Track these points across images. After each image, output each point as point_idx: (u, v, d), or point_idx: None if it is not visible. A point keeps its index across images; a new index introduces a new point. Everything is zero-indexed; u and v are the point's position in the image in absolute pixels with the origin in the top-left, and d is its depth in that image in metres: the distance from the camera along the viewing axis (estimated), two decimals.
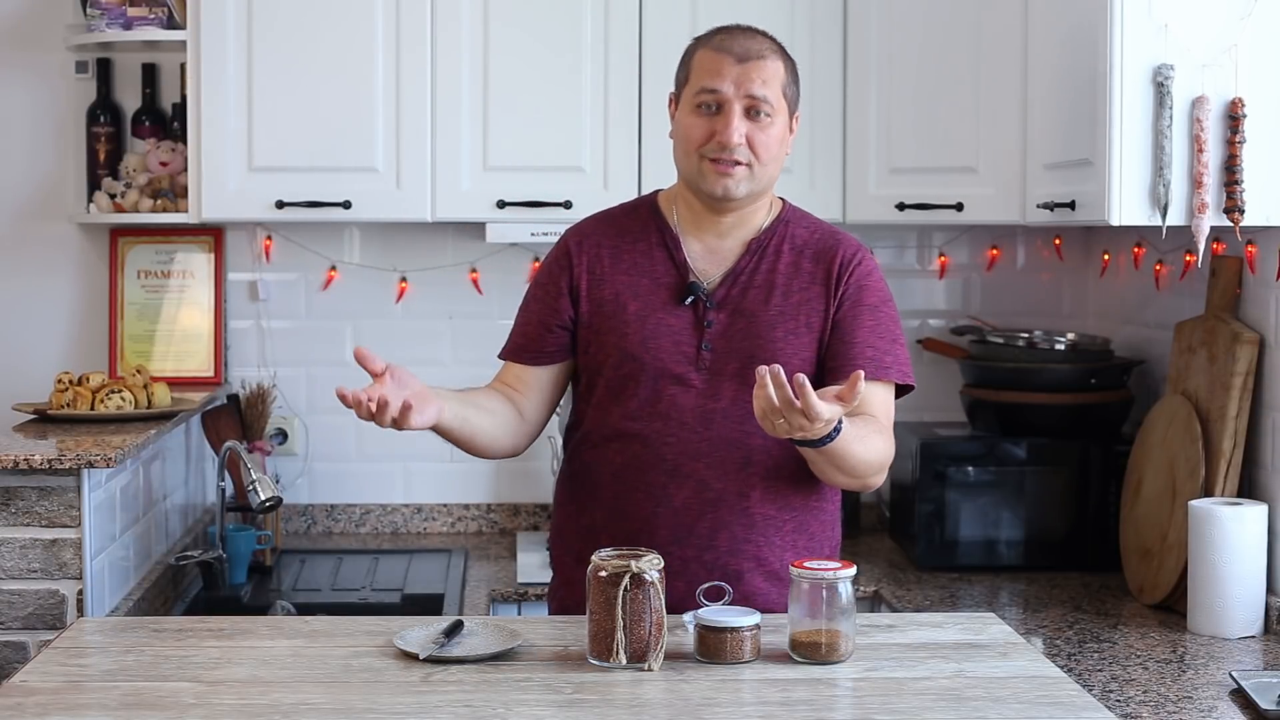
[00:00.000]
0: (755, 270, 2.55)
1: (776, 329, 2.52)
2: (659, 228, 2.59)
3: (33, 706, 2.03)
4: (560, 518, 2.66)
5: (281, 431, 3.99)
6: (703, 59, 2.51)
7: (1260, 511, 2.95)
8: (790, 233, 2.58)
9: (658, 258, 2.56)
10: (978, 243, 4.07)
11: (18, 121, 3.95)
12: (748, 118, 2.47)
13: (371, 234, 4.02)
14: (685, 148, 2.52)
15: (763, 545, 2.51)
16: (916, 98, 3.60)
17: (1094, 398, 3.57)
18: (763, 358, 2.47)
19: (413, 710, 2.02)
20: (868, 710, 2.04)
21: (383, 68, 3.62)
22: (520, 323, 2.65)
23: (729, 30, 2.55)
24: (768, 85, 2.47)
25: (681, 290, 2.54)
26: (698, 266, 2.56)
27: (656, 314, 2.53)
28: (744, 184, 2.49)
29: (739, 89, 2.46)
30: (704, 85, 2.48)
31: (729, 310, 2.53)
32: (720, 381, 2.50)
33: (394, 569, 3.70)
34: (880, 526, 4.01)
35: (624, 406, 2.53)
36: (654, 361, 2.52)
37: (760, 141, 2.47)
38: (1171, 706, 2.54)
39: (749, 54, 2.49)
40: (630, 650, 2.17)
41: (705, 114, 2.48)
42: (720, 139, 2.46)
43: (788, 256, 2.56)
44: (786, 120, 2.52)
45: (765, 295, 2.53)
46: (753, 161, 2.48)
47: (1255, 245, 3.04)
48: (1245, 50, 2.83)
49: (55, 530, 2.86)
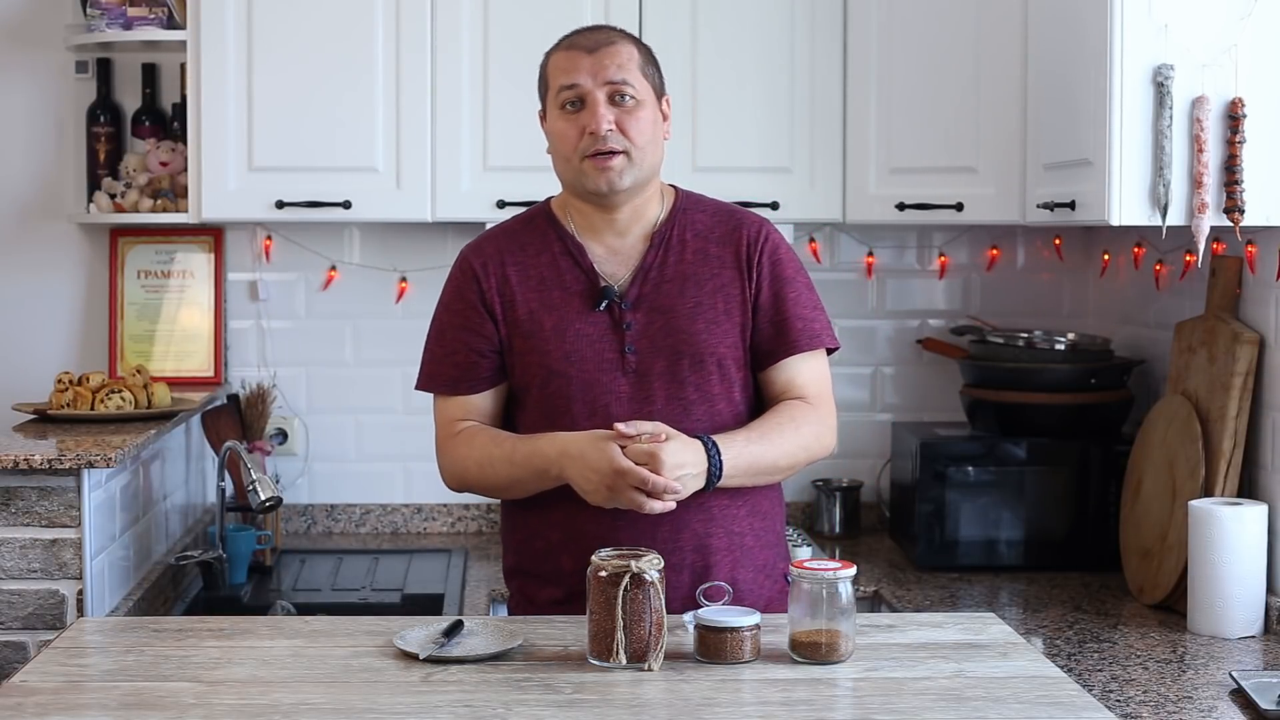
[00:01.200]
0: (663, 264, 2.52)
1: (697, 320, 2.49)
2: (559, 236, 2.55)
3: (33, 706, 2.03)
4: (514, 541, 2.59)
5: (281, 431, 3.99)
6: (556, 61, 2.52)
7: (1260, 511, 2.95)
8: (690, 220, 2.56)
9: (563, 267, 2.53)
10: (978, 243, 4.07)
11: (18, 121, 3.95)
12: (613, 104, 2.47)
13: (371, 234, 4.02)
14: (563, 153, 2.50)
15: (724, 535, 2.50)
16: (916, 98, 3.60)
17: (1094, 398, 3.57)
18: (688, 353, 2.49)
19: (413, 710, 2.02)
20: (868, 710, 2.04)
21: (383, 68, 3.63)
22: (442, 354, 2.56)
23: (576, 31, 2.56)
24: (624, 69, 2.47)
25: (594, 296, 2.50)
26: (604, 269, 2.53)
27: (574, 325, 2.49)
28: (626, 174, 2.47)
29: (596, 78, 2.46)
30: (562, 83, 2.48)
31: (645, 308, 2.50)
32: (649, 382, 2.48)
33: (394, 569, 3.70)
34: (880, 526, 4.01)
35: (559, 424, 2.47)
36: (580, 374, 2.48)
37: (630, 125, 2.46)
38: (1171, 706, 2.54)
39: (598, 43, 2.49)
40: (630, 650, 2.17)
41: (572, 113, 2.48)
42: (590, 129, 2.45)
43: (693, 245, 2.54)
44: (654, 103, 2.51)
45: (679, 288, 2.51)
46: (629, 148, 2.46)
47: (1255, 245, 3.04)
48: (1245, 50, 2.83)
49: (55, 530, 2.86)
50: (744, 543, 2.53)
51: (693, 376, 2.49)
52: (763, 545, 2.55)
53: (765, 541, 2.56)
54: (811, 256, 4.02)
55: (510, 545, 2.62)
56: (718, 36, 3.68)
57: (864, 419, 4.07)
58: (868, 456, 4.06)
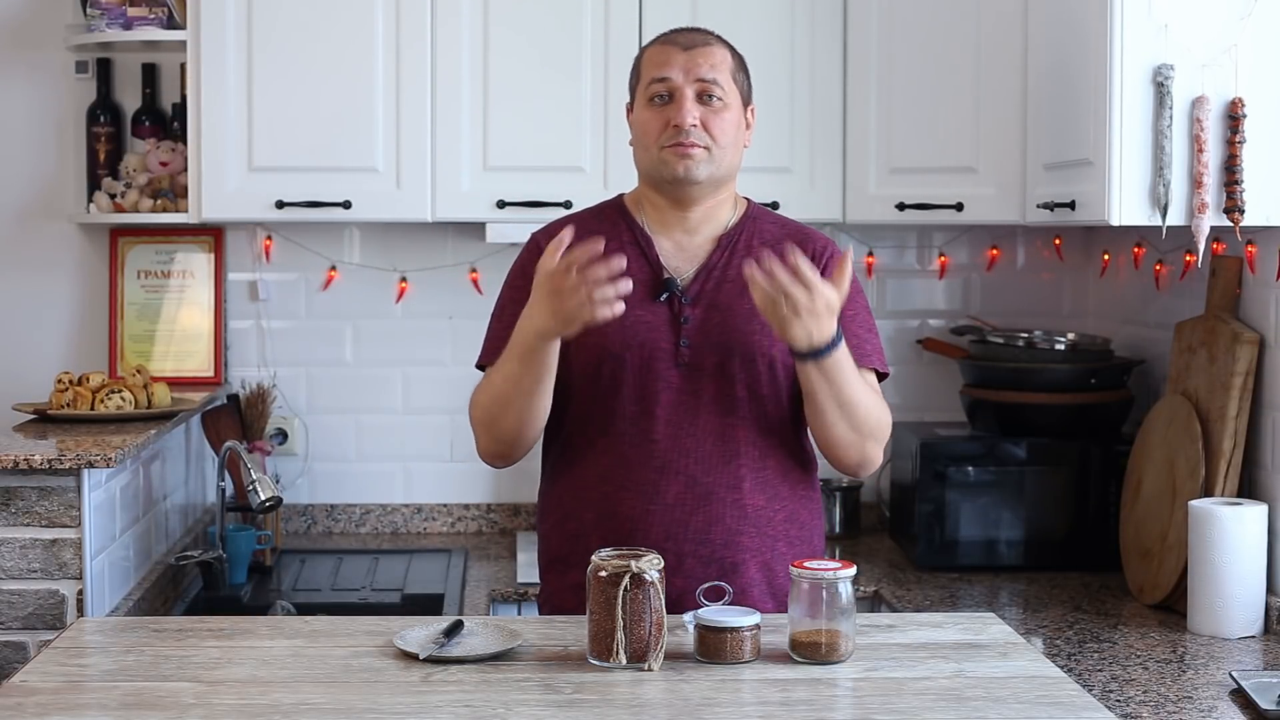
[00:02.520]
0: (728, 265, 2.56)
1: (753, 321, 2.52)
2: (629, 227, 2.60)
3: (33, 706, 2.03)
4: (546, 527, 2.63)
5: (281, 431, 3.99)
6: (650, 55, 2.58)
7: (1260, 511, 2.95)
8: (759, 229, 2.61)
9: (630, 256, 2.54)
10: (978, 243, 4.07)
11: (18, 121, 3.95)
12: (700, 103, 2.51)
13: (371, 234, 4.02)
14: (644, 142, 2.55)
15: (756, 536, 2.52)
16: (916, 98, 3.60)
17: (1094, 398, 3.57)
18: (740, 352, 2.52)
19: (413, 710, 2.02)
20: (868, 710, 2.04)
21: (383, 68, 3.63)
22: (500, 329, 2.55)
23: (675, 29, 2.62)
24: (716, 69, 2.53)
25: (656, 287, 2.54)
26: (670, 264, 2.57)
27: (634, 311, 2.51)
28: (703, 166, 2.51)
29: (688, 74, 2.51)
30: (654, 76, 2.54)
31: (704, 305, 2.54)
32: (700, 376, 2.51)
33: (394, 569, 3.70)
34: (880, 526, 4.01)
35: (607, 406, 2.52)
36: (635, 359, 2.52)
37: (714, 124, 2.51)
38: (1171, 706, 2.54)
39: (694, 42, 2.55)
40: (630, 650, 2.17)
41: (659, 105, 2.53)
42: (675, 122, 2.50)
43: (759, 251, 2.56)
44: (740, 108, 2.56)
45: (740, 289, 2.53)
46: (710, 144, 2.51)
47: (1255, 245, 3.04)
48: (1245, 50, 2.83)
49: (55, 530, 2.86)
50: (777, 548, 2.54)
51: (743, 374, 2.52)
52: (796, 555, 2.54)
53: (800, 553, 2.56)
54: None
55: (544, 532, 2.64)
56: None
57: None
58: None
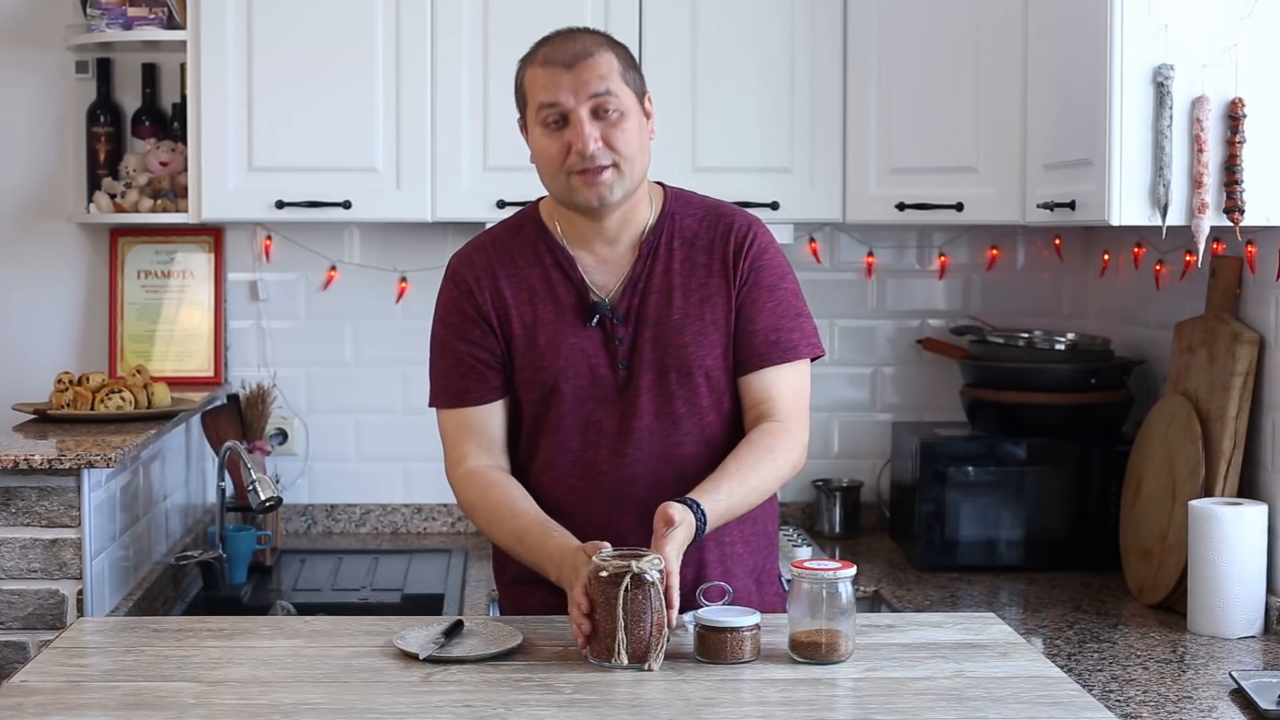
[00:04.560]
0: (650, 274, 2.48)
1: (684, 333, 2.45)
2: (549, 247, 2.50)
3: (33, 706, 2.03)
4: (503, 556, 2.55)
5: (281, 431, 3.99)
6: (534, 76, 2.43)
7: (1260, 511, 2.95)
8: (678, 226, 2.51)
9: (555, 280, 2.48)
10: (978, 243, 4.07)
11: (18, 121, 3.95)
12: (597, 119, 2.39)
13: (371, 234, 4.02)
14: (549, 169, 2.44)
15: (714, 546, 2.46)
16: (916, 98, 3.60)
17: (1094, 398, 3.57)
18: (675, 364, 2.45)
19: (413, 710, 2.02)
20: (868, 710, 2.04)
21: (383, 68, 3.63)
22: (446, 367, 2.50)
23: (550, 40, 2.45)
24: (606, 79, 2.39)
25: (585, 311, 2.46)
26: (594, 280, 2.48)
27: (568, 340, 2.46)
28: (616, 187, 2.41)
29: (578, 95, 2.38)
30: (542, 101, 2.40)
31: (633, 322, 2.46)
32: (638, 398, 2.45)
33: (394, 569, 3.70)
34: (880, 526, 4.01)
35: (551, 439, 2.46)
36: (574, 390, 2.45)
37: (617, 138, 2.40)
38: (1171, 706, 2.54)
39: (576, 56, 2.40)
40: (630, 650, 2.16)
41: (555, 130, 2.41)
42: (577, 149, 2.39)
43: (680, 253, 2.49)
44: (637, 108, 2.44)
45: (665, 299, 2.46)
46: (618, 160, 2.40)
47: (1255, 245, 3.04)
48: (1245, 50, 2.83)
49: (55, 530, 2.86)
50: (734, 551, 2.50)
51: (681, 390, 2.45)
52: (752, 550, 2.53)
53: (754, 546, 2.54)
54: (811, 256, 4.02)
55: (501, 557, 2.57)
56: (718, 36, 3.68)
57: (864, 419, 4.07)
58: (868, 456, 4.06)
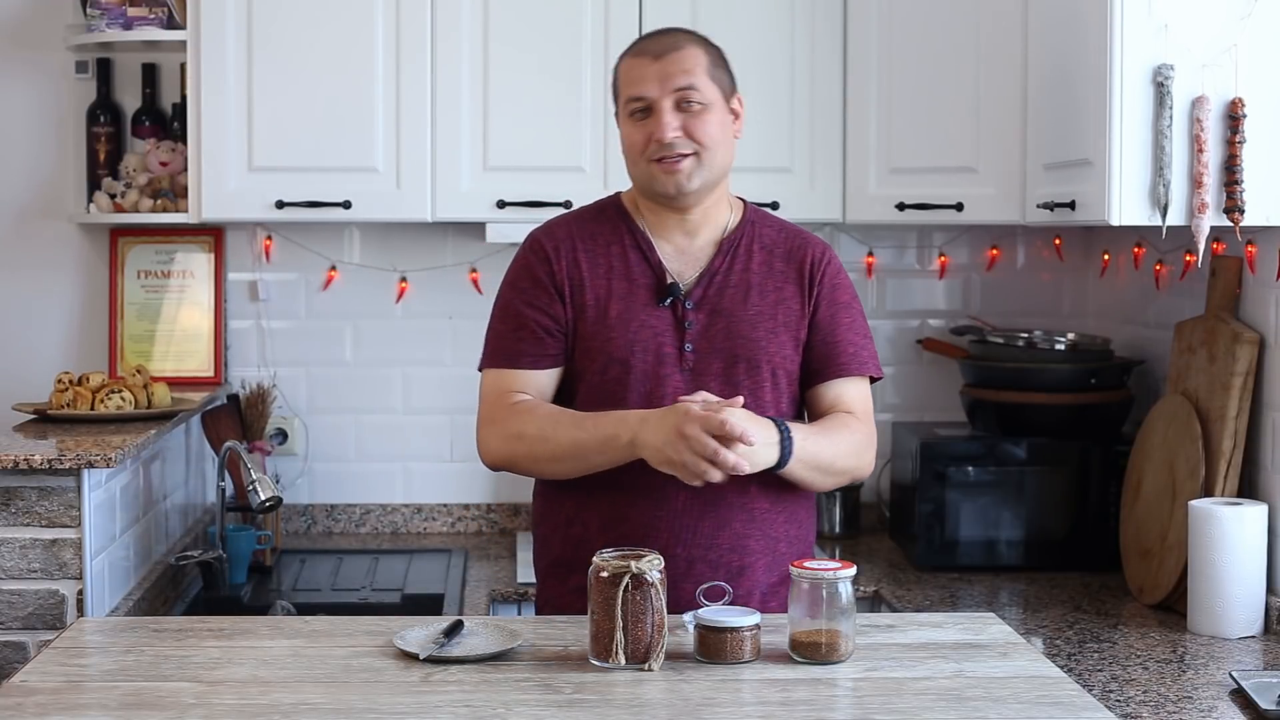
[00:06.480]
0: (729, 270, 2.58)
1: (757, 328, 2.55)
2: (629, 229, 2.60)
3: (33, 706, 2.03)
4: (546, 530, 2.63)
5: (281, 431, 3.99)
6: (625, 69, 2.57)
7: (1260, 511, 2.95)
8: (758, 233, 2.62)
9: (632, 260, 2.57)
10: (978, 243, 4.07)
11: (18, 121, 3.95)
12: (680, 110, 2.51)
13: (371, 234, 4.02)
14: (631, 157, 2.56)
15: (762, 539, 2.54)
16: (916, 98, 3.60)
17: (1094, 398, 3.57)
18: (745, 356, 2.54)
19: (413, 710, 2.02)
20: (868, 710, 2.04)
21: (383, 68, 3.63)
22: (507, 330, 2.57)
23: (645, 36, 2.63)
24: (691, 74, 2.51)
25: (659, 291, 2.55)
26: (672, 267, 2.58)
27: (638, 316, 2.54)
28: (695, 176, 2.52)
29: (663, 86, 2.50)
30: (630, 94, 2.54)
31: (707, 310, 2.55)
32: (704, 381, 2.52)
33: (394, 569, 3.70)
34: (880, 526, 4.01)
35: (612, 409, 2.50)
36: (640, 364, 2.53)
37: (698, 129, 2.51)
38: (1171, 706, 2.54)
39: (664, 49, 2.53)
40: (630, 650, 2.17)
41: (640, 119, 2.53)
42: (656, 137, 2.50)
43: (759, 256, 2.59)
44: (723, 104, 2.55)
45: (743, 295, 2.56)
46: (698, 150, 2.51)
47: (1255, 245, 3.04)
48: (1245, 50, 2.83)
49: (55, 530, 2.86)
50: (778, 548, 2.57)
51: (747, 381, 2.54)
52: (795, 554, 2.59)
53: (798, 550, 2.61)
54: None
55: (543, 535, 2.64)
56: (718, 36, 3.65)
57: None
58: None
